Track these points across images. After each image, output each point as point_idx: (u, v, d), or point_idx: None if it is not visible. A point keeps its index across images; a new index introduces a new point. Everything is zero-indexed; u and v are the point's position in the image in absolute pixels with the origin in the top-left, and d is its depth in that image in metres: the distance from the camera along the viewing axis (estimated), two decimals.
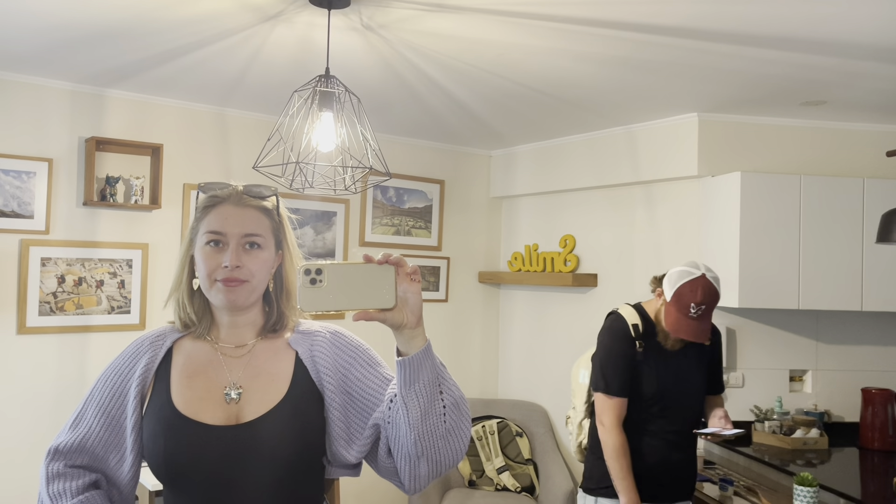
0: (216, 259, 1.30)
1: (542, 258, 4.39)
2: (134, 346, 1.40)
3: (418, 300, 1.14)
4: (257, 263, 1.33)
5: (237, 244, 1.31)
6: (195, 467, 1.27)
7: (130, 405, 1.33)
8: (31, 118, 3.24)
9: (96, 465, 1.34)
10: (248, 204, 1.35)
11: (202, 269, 1.31)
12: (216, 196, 1.34)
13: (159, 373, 1.35)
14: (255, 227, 1.33)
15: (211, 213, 1.33)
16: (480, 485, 4.03)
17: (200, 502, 1.29)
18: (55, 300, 3.28)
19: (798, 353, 3.62)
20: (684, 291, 2.33)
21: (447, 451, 1.24)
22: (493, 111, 3.64)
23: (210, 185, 1.36)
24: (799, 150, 3.57)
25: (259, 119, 3.80)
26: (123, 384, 1.36)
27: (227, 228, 1.31)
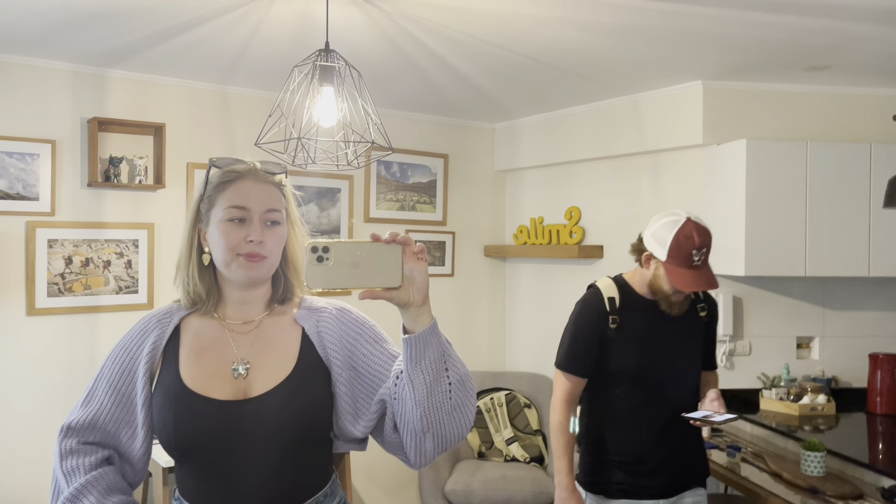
0: (239, 234, 1.31)
1: (548, 231, 4.38)
2: (142, 324, 1.41)
3: (425, 279, 1.15)
4: (276, 240, 1.35)
5: (260, 220, 1.32)
6: (204, 442, 1.28)
7: (140, 381, 1.35)
8: (34, 100, 3.24)
9: (108, 442, 1.36)
10: (266, 180, 1.36)
11: (221, 245, 1.31)
12: (235, 171, 1.35)
13: (167, 350, 1.37)
14: (275, 203, 1.35)
15: (230, 189, 1.33)
16: (490, 456, 4.06)
17: (210, 476, 1.31)
18: (63, 281, 3.30)
19: (805, 320, 3.62)
20: (680, 241, 2.11)
21: (452, 426, 1.25)
22: (496, 83, 3.61)
23: (225, 160, 1.37)
24: (805, 117, 3.54)
25: (261, 96, 3.78)
26: (132, 361, 1.37)
27: (251, 204, 1.32)
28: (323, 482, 1.39)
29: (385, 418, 1.34)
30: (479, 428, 4.12)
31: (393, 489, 4.27)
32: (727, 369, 3.55)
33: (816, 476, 2.56)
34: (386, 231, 1.12)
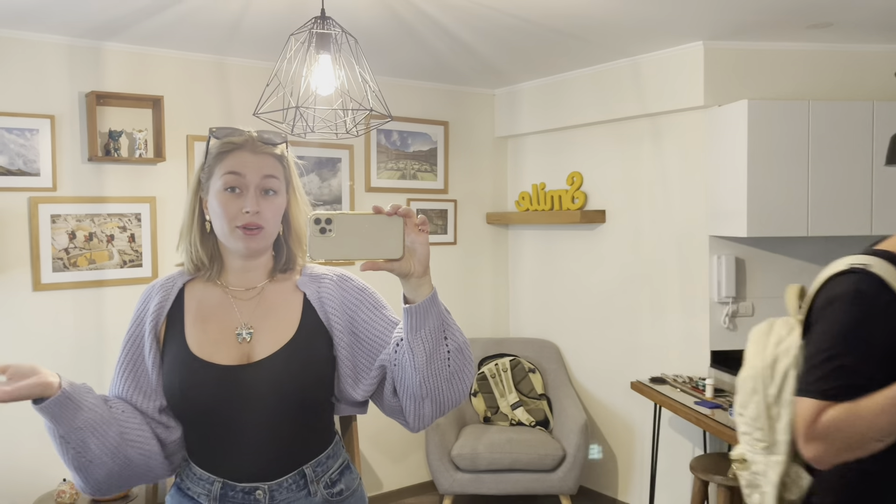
0: (236, 204, 1.33)
1: (550, 196, 4.38)
2: (146, 292, 1.44)
3: (425, 251, 1.17)
4: (273, 209, 1.36)
5: (256, 190, 1.34)
6: (210, 406, 1.32)
7: (147, 344, 1.37)
8: (31, 74, 3.22)
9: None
10: (263, 150, 1.37)
11: (220, 215, 1.33)
12: (232, 142, 1.36)
13: (172, 315, 1.39)
14: (272, 173, 1.36)
15: (227, 159, 1.35)
16: (495, 420, 4.11)
17: (215, 437, 1.34)
18: (68, 256, 3.32)
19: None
20: None
21: (450, 392, 1.29)
22: (495, 48, 3.58)
23: (223, 130, 1.38)
24: (806, 76, 3.50)
25: (258, 66, 3.76)
26: (141, 327, 1.40)
27: (247, 174, 1.33)
28: (326, 444, 1.42)
29: (385, 383, 1.37)
30: (485, 393, 4.16)
31: (399, 455, 4.32)
32: (729, 330, 3.57)
33: None
34: (388, 202, 1.14)
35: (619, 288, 4.06)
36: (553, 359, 4.34)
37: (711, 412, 3.01)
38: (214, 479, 1.34)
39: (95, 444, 1.25)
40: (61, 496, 3.05)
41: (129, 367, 1.37)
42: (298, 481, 1.36)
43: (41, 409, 1.21)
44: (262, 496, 1.33)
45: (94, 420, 1.25)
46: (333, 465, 1.42)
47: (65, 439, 1.24)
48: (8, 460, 3.20)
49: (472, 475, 3.73)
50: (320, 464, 1.39)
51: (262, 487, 1.33)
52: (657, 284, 3.85)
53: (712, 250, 3.56)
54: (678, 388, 3.41)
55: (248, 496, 1.33)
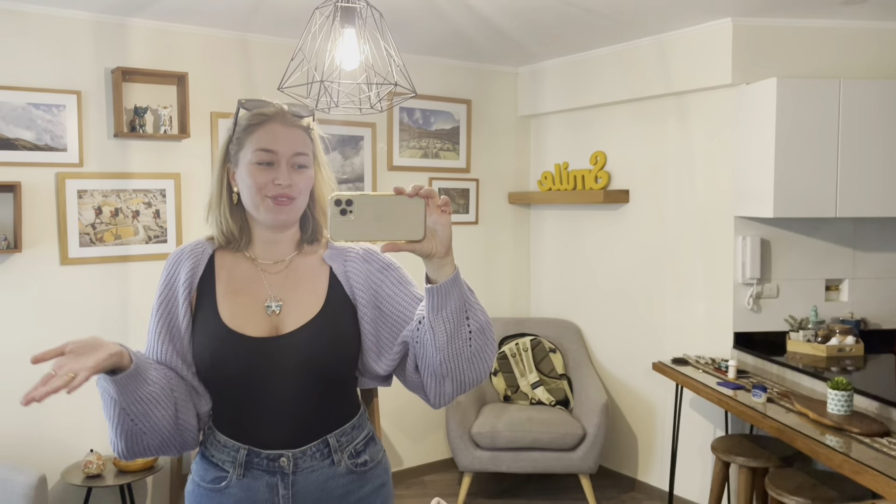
0: (267, 176, 1.33)
1: (573, 176, 4.35)
2: (174, 256, 1.44)
3: (447, 232, 1.16)
4: (304, 182, 1.37)
5: (288, 163, 1.34)
6: (239, 376, 1.34)
7: (181, 309, 1.38)
8: (57, 50, 3.24)
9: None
10: (293, 123, 1.37)
11: (250, 186, 1.34)
12: (263, 114, 1.37)
13: (203, 285, 1.40)
14: (303, 146, 1.37)
15: (259, 131, 1.35)
16: (515, 399, 4.12)
17: (242, 407, 1.36)
18: (94, 231, 3.36)
19: (834, 262, 3.58)
20: None
21: (471, 372, 1.29)
22: (519, 25, 3.54)
23: (253, 102, 1.39)
24: (838, 53, 3.43)
25: (282, 42, 3.75)
26: (173, 292, 1.40)
27: (279, 147, 1.34)
28: (350, 415, 1.43)
29: (407, 358, 1.38)
30: (505, 373, 4.17)
31: (419, 433, 4.35)
32: (753, 312, 3.53)
33: (842, 414, 2.56)
34: (410, 181, 1.13)
35: (641, 268, 4.03)
36: (574, 339, 4.34)
37: (734, 393, 2.99)
38: (240, 447, 1.36)
39: (156, 415, 1.28)
40: (88, 466, 3.11)
41: (166, 332, 1.38)
42: (322, 450, 1.37)
43: (115, 380, 1.22)
44: (287, 463, 1.35)
45: (156, 394, 1.28)
46: (358, 436, 1.43)
47: (125, 410, 1.26)
48: (36, 431, 3.27)
49: (491, 453, 3.75)
50: (345, 433, 1.41)
51: (287, 455, 1.35)
52: (680, 265, 3.82)
53: (737, 231, 3.52)
54: (700, 369, 3.39)
55: (273, 463, 1.35)
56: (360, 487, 1.41)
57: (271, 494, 1.35)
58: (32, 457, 3.23)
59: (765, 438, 3.22)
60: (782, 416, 2.69)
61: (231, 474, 1.36)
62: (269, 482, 1.35)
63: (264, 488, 1.35)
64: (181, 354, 1.37)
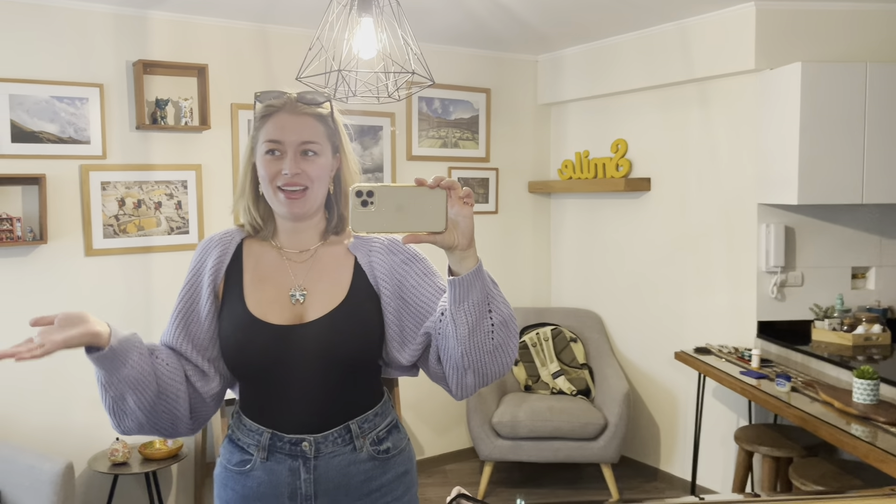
0: (275, 166, 1.36)
1: (594, 164, 4.31)
2: (203, 245, 1.47)
3: (469, 223, 1.15)
4: (315, 169, 1.37)
5: (294, 152, 1.35)
6: (264, 363, 1.36)
7: (204, 297, 1.41)
8: (79, 44, 3.28)
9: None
10: (303, 112, 1.38)
11: (263, 177, 1.37)
12: (272, 105, 1.39)
13: (231, 272, 1.42)
14: (311, 134, 1.37)
15: (268, 122, 1.37)
16: (536, 389, 4.11)
17: (268, 393, 1.38)
18: (118, 223, 3.39)
19: (860, 250, 3.52)
20: None
21: (493, 365, 1.29)
22: (538, 12, 3.51)
23: (266, 94, 1.40)
24: (864, 36, 3.36)
25: (300, 33, 3.76)
26: (199, 280, 1.43)
27: (284, 137, 1.35)
28: (373, 402, 1.44)
29: (430, 349, 1.38)
30: (526, 362, 4.16)
31: (439, 422, 4.36)
32: (777, 301, 3.49)
33: (868, 403, 2.53)
34: (429, 171, 1.13)
35: (663, 257, 4.00)
36: (595, 328, 4.31)
37: (758, 382, 2.96)
38: (263, 430, 1.38)
39: (132, 399, 1.31)
40: (114, 454, 3.16)
41: (183, 318, 1.41)
42: (344, 436, 1.38)
43: (90, 358, 1.26)
44: (308, 448, 1.36)
45: (134, 377, 1.30)
46: (381, 423, 1.44)
47: (105, 387, 1.30)
48: (63, 420, 3.32)
49: (512, 442, 3.75)
50: (367, 420, 1.42)
51: (309, 439, 1.36)
52: (703, 253, 3.78)
53: (761, 218, 3.48)
54: (723, 359, 3.36)
55: (295, 447, 1.37)
56: (381, 474, 1.42)
57: (293, 478, 1.37)
58: (60, 445, 3.28)
59: (788, 428, 3.19)
60: (807, 405, 2.66)
61: (255, 457, 1.38)
62: (292, 466, 1.37)
63: (287, 472, 1.37)
64: (193, 339, 1.40)
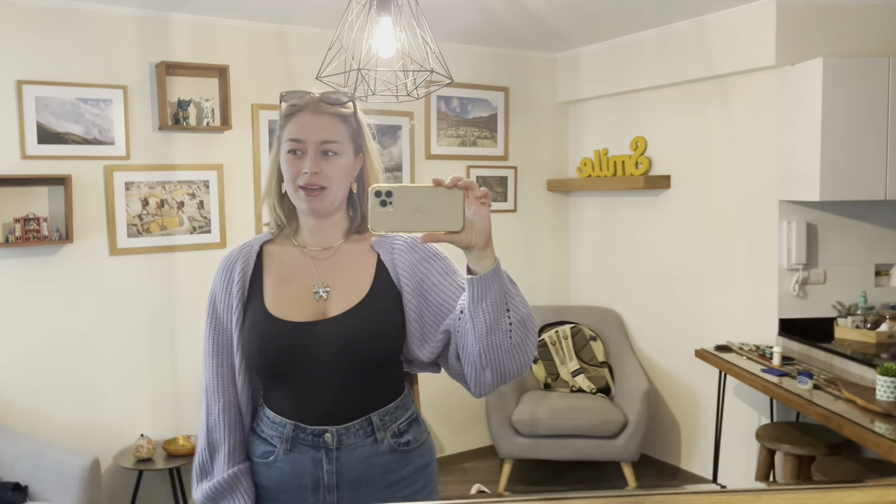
0: (297, 166, 1.38)
1: (613, 162, 4.30)
2: (224, 262, 1.49)
3: (487, 224, 1.17)
4: (335, 169, 1.39)
5: (315, 151, 1.38)
6: (286, 360, 1.38)
7: (235, 309, 1.43)
8: (104, 46, 3.33)
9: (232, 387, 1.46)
10: (324, 111, 1.40)
11: (286, 177, 1.40)
12: (295, 105, 1.42)
13: (254, 280, 1.45)
14: (332, 134, 1.39)
15: (291, 122, 1.40)
16: (556, 387, 4.11)
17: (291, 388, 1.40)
18: (141, 222, 3.44)
19: (884, 247, 3.48)
20: None
21: (511, 364, 1.30)
22: (557, 11, 3.51)
23: (290, 94, 1.43)
24: (887, 31, 3.33)
25: (319, 33, 3.79)
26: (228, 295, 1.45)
27: (305, 136, 1.38)
28: (394, 396, 1.46)
29: (450, 346, 1.40)
30: (545, 360, 4.16)
31: (459, 420, 4.38)
32: (799, 298, 3.46)
33: (892, 401, 2.51)
34: (448, 170, 1.15)
35: (683, 255, 3.98)
36: (615, 326, 4.30)
37: (779, 380, 2.94)
38: (287, 422, 1.40)
39: None
40: (139, 450, 3.20)
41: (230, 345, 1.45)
42: (365, 427, 1.40)
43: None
44: (331, 439, 1.38)
45: None
46: (402, 416, 1.46)
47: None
48: (90, 415, 3.38)
49: (532, 440, 3.75)
50: (388, 413, 1.43)
51: (331, 431, 1.38)
52: (724, 251, 3.76)
53: (782, 215, 3.45)
54: (744, 356, 3.34)
55: (318, 439, 1.39)
56: (402, 466, 1.44)
57: (316, 469, 1.39)
58: (86, 440, 3.34)
59: (811, 426, 3.17)
60: (829, 402, 2.64)
61: (279, 449, 1.40)
62: (315, 457, 1.39)
63: (309, 463, 1.39)
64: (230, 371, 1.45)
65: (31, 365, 3.25)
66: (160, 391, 3.54)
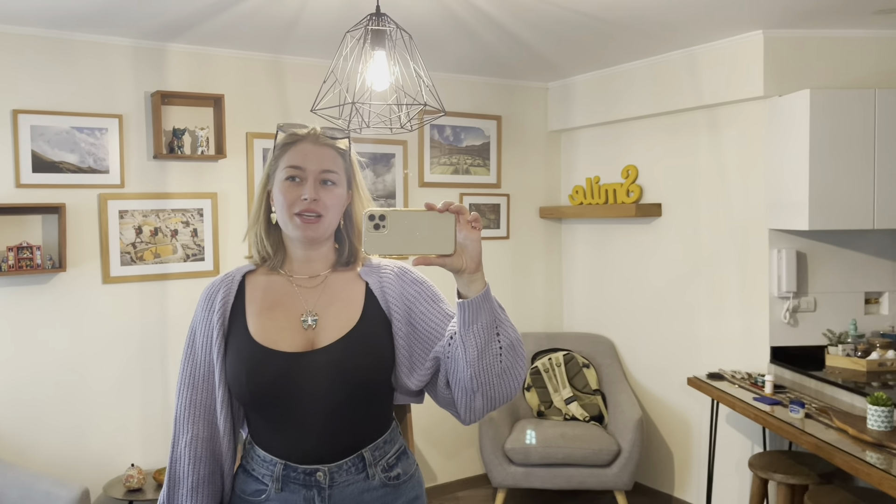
0: (295, 192, 1.39)
1: (604, 190, 4.34)
2: (206, 291, 1.48)
3: (477, 247, 1.19)
4: (332, 199, 1.41)
5: (315, 179, 1.39)
6: (274, 391, 1.36)
7: (215, 338, 1.42)
8: (99, 76, 3.36)
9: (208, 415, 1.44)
10: (324, 143, 1.43)
11: (282, 202, 1.40)
12: (296, 134, 1.44)
13: (235, 310, 1.44)
14: (331, 164, 1.42)
15: (291, 150, 1.42)
16: (549, 415, 4.10)
17: (279, 421, 1.39)
18: (135, 250, 3.45)
19: (874, 275, 3.52)
20: None
21: (502, 388, 1.32)
22: (548, 41, 3.57)
23: (289, 125, 1.46)
24: (872, 63, 3.39)
25: (314, 63, 3.83)
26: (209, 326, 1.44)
27: (307, 164, 1.40)
28: (384, 429, 1.46)
29: (438, 374, 1.40)
30: (538, 388, 4.16)
31: (452, 449, 4.36)
32: (790, 326, 3.48)
33: (883, 430, 2.51)
34: (441, 197, 1.17)
35: (675, 282, 4.00)
36: (607, 354, 4.31)
37: (771, 408, 2.95)
38: (277, 461, 1.39)
39: None
40: (129, 480, 3.18)
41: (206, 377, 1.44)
42: (357, 464, 1.40)
43: None
44: (323, 478, 1.37)
45: None
46: (390, 449, 1.45)
47: None
48: (80, 445, 3.35)
49: (525, 469, 3.74)
50: (378, 448, 1.43)
51: (323, 469, 1.37)
52: (715, 279, 3.78)
53: (772, 244, 3.48)
54: (736, 384, 3.35)
55: (310, 477, 1.37)
56: (393, 500, 1.43)
57: None
58: (76, 471, 3.31)
59: (804, 455, 3.17)
60: (821, 432, 2.65)
61: (270, 488, 1.39)
62: (307, 496, 1.38)
63: (301, 501, 1.38)
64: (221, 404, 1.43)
65: (21, 394, 3.23)
66: (151, 420, 3.52)
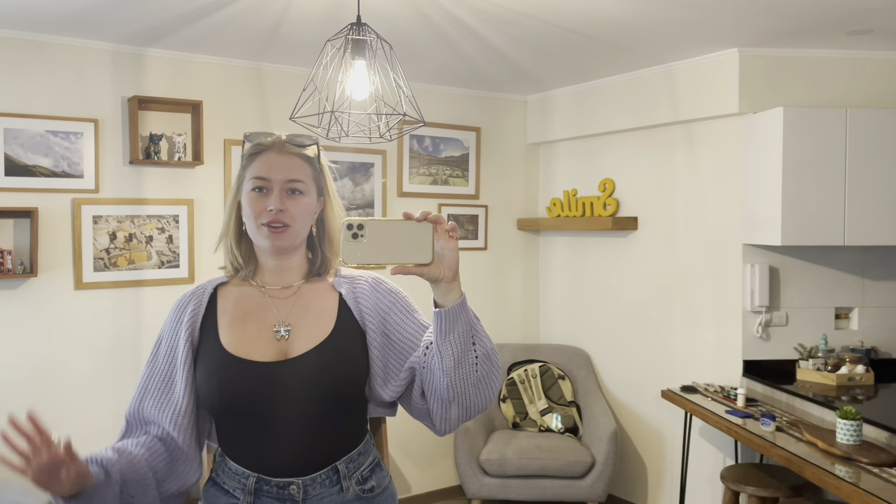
0: (261, 203, 1.38)
1: (582, 203, 4.37)
2: (177, 304, 1.47)
3: (455, 256, 1.20)
4: (299, 208, 1.39)
5: (280, 189, 1.38)
6: (247, 402, 1.35)
7: (182, 349, 1.40)
8: (76, 79, 3.32)
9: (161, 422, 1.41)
10: (290, 152, 1.42)
11: (249, 213, 1.39)
12: (261, 144, 1.42)
13: (206, 321, 1.42)
14: (297, 173, 1.40)
15: (256, 161, 1.40)
16: (524, 426, 4.11)
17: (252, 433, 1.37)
18: (108, 256, 3.41)
19: (844, 291, 3.57)
20: None
21: (477, 397, 1.32)
22: (528, 54, 3.60)
23: (255, 135, 1.44)
24: (844, 83, 3.46)
25: (294, 71, 3.82)
26: (175, 337, 1.42)
27: (272, 174, 1.38)
28: (358, 441, 1.45)
29: (413, 385, 1.40)
30: (514, 399, 4.17)
31: (427, 460, 4.34)
32: (763, 340, 3.53)
33: (852, 444, 2.55)
34: (420, 207, 1.18)
35: (650, 295, 4.04)
36: (583, 366, 4.33)
37: (743, 421, 2.98)
38: (249, 474, 1.37)
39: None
40: None
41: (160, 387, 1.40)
42: (331, 477, 1.38)
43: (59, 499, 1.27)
44: (297, 491, 1.35)
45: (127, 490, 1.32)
46: (364, 462, 1.44)
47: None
48: None
49: (500, 480, 3.74)
50: (352, 460, 1.42)
51: (297, 482, 1.36)
52: (689, 292, 3.82)
53: (746, 259, 3.53)
54: (709, 397, 3.38)
55: (283, 491, 1.35)
56: None
57: None
58: None
59: (775, 468, 3.20)
60: (791, 445, 2.68)
61: (241, 501, 1.36)
62: None
63: None
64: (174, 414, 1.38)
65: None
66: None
